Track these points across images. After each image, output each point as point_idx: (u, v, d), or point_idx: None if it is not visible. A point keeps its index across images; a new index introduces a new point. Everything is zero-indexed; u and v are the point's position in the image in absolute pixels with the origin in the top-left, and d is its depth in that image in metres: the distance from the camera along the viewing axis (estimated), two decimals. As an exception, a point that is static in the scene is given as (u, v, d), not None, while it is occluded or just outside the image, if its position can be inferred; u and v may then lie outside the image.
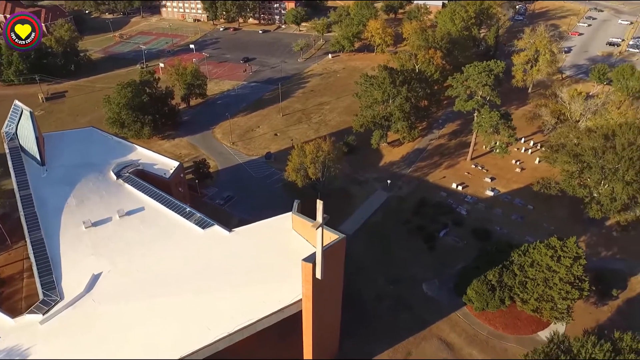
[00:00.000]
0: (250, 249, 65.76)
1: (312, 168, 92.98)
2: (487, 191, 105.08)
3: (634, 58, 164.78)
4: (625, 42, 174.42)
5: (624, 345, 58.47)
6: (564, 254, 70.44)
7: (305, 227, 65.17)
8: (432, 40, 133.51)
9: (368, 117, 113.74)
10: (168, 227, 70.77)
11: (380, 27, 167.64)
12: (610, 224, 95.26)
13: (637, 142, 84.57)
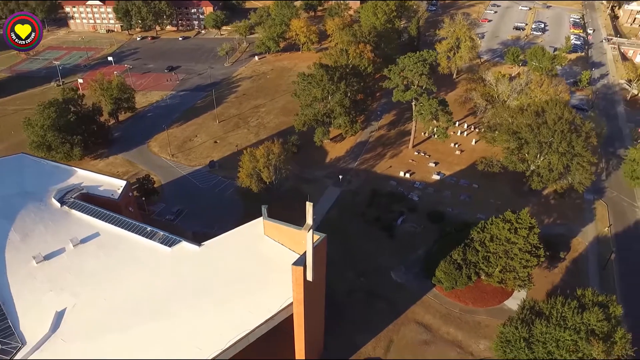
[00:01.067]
0: (225, 261, 63.71)
1: (266, 172, 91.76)
2: (433, 175, 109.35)
3: (538, 40, 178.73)
4: (529, 26, 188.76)
5: (587, 300, 63.47)
6: (519, 226, 75.06)
7: (279, 231, 64.37)
8: (360, 35, 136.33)
9: (309, 115, 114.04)
10: (131, 250, 66.74)
11: (304, 26, 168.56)
12: (547, 193, 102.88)
13: (565, 116, 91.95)
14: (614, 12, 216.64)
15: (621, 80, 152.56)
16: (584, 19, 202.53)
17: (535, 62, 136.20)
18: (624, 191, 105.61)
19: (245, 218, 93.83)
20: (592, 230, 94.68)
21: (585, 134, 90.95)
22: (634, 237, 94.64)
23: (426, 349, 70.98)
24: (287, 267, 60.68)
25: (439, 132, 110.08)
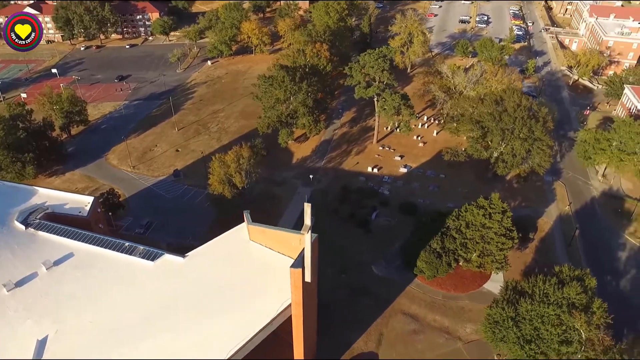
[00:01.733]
0: (213, 270, 62.33)
1: (238, 177, 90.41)
2: (400, 169, 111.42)
3: (483, 32, 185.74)
4: (473, 19, 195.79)
5: (565, 275, 66.79)
6: (493, 211, 77.82)
7: (266, 235, 63.69)
8: (316, 35, 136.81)
9: (273, 117, 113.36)
10: (111, 268, 63.89)
11: (255, 28, 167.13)
12: (509, 178, 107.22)
13: (523, 104, 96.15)
14: (547, 3, 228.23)
15: (562, 67, 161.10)
16: (522, 11, 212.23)
17: (485, 53, 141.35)
18: (578, 171, 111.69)
19: (218, 225, 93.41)
20: (554, 210, 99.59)
21: (542, 119, 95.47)
22: (591, 214, 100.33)
23: (416, 338, 72.33)
24: (279, 270, 60.42)
25: (403, 126, 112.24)
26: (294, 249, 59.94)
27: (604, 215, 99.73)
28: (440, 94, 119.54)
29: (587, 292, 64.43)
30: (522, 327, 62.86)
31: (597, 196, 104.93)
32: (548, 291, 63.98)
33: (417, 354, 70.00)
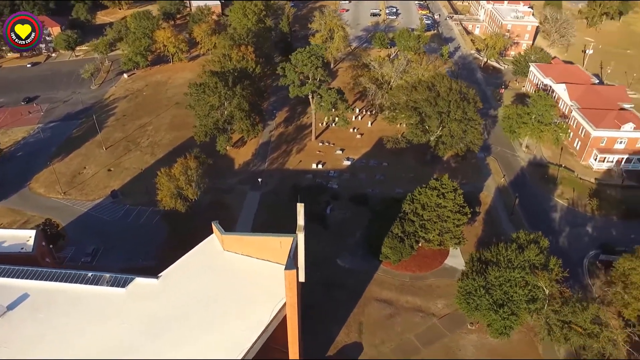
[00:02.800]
0: (191, 286, 60.02)
1: (190, 189, 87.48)
2: (344, 162, 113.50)
3: (395, 23, 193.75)
4: (383, 11, 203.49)
5: (522, 240, 72.15)
6: (445, 190, 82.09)
7: (242, 242, 62.53)
8: (239, 38, 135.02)
9: (209, 124, 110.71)
10: (77, 303, 59.13)
11: (171, 36, 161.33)
12: (446, 158, 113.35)
13: (453, 87, 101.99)
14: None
15: (472, 51, 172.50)
16: (427, 1, 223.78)
17: (403, 43, 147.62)
18: (504, 145, 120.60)
19: (171, 241, 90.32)
20: (492, 183, 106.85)
21: (472, 100, 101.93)
22: (523, 182, 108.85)
23: (394, 321, 74.65)
24: (262, 276, 59.86)
25: (340, 120, 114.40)
26: (275, 252, 59.62)
27: (534, 182, 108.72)
28: (371, 86, 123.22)
29: (543, 252, 70.24)
30: (493, 293, 67.08)
31: (525, 166, 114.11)
32: (511, 257, 68.87)
33: (397, 335, 72.29)
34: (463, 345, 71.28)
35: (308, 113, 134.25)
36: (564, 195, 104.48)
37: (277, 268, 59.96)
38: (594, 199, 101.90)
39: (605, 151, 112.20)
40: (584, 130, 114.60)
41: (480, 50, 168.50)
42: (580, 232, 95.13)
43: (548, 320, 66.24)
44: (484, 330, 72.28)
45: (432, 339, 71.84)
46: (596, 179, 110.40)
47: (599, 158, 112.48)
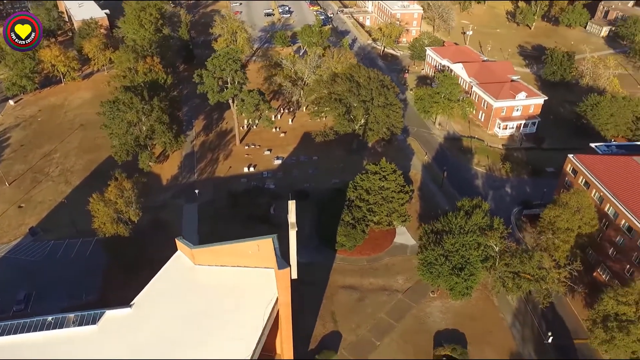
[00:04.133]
0: (171, 308, 57.45)
1: (131, 210, 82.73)
2: (274, 162, 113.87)
3: (290, 21, 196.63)
4: (276, 11, 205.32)
5: (467, 207, 78.47)
6: (386, 173, 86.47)
7: (214, 253, 61.09)
8: (142, 50, 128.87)
9: (130, 142, 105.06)
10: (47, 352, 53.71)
11: (60, 54, 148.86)
12: (371, 144, 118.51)
13: (372, 76, 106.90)
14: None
15: (369, 41, 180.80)
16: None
17: (306, 39, 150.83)
18: (419, 125, 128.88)
19: (114, 269, 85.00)
20: (417, 161, 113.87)
21: (390, 86, 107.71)
22: (443, 156, 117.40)
23: (364, 304, 77.28)
24: (242, 284, 59.15)
25: (265, 121, 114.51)
26: (252, 257, 59.24)
27: (453, 155, 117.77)
28: (286, 84, 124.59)
29: (487, 215, 77.15)
30: (451, 259, 72.27)
31: (441, 142, 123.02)
32: (461, 223, 74.68)
33: (370, 316, 75.02)
34: (430, 313, 76.04)
35: (225, 118, 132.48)
36: (481, 163, 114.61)
37: (257, 272, 59.82)
38: (506, 163, 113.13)
39: (506, 119, 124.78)
40: (486, 103, 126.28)
41: (376, 40, 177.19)
42: (501, 193, 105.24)
43: (501, 275, 73.06)
44: (445, 296, 77.66)
45: (402, 313, 75.68)
46: (503, 145, 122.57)
47: (502, 126, 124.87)
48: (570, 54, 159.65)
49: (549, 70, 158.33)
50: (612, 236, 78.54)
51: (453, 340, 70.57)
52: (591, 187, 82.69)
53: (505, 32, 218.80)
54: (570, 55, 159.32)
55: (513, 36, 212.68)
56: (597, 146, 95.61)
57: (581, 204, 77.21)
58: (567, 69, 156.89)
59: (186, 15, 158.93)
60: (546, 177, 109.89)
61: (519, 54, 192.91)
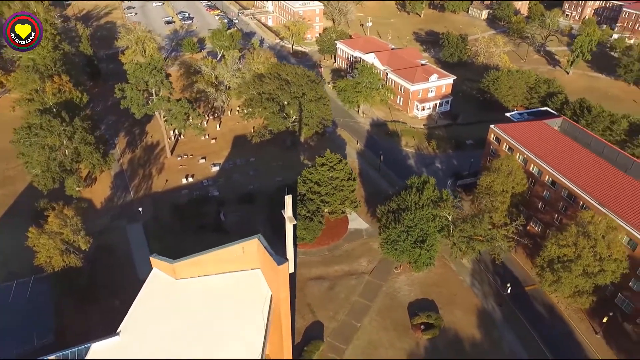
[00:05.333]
0: (161, 329, 55.47)
1: (81, 238, 77.68)
2: (212, 169, 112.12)
3: (193, 27, 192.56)
4: (176, 18, 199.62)
5: (417, 184, 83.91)
6: (333, 163, 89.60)
7: (197, 264, 59.96)
8: (45, 70, 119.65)
9: (54, 169, 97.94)
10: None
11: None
12: (304, 139, 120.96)
13: (299, 72, 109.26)
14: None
15: (277, 40, 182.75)
16: (211, 1, 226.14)
17: (217, 43, 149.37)
18: (344, 115, 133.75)
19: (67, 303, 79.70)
20: (351, 150, 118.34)
21: (317, 81, 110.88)
22: (373, 142, 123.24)
23: (336, 291, 79.81)
24: (231, 289, 58.95)
25: (196, 129, 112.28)
26: (237, 261, 59.27)
27: (381, 140, 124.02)
28: (210, 89, 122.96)
29: (435, 188, 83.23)
30: (412, 233, 77.18)
31: (368, 129, 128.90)
32: (415, 199, 79.88)
33: (345, 301, 77.74)
34: (399, 288, 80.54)
35: (149, 132, 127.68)
36: (409, 144, 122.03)
37: (243, 275, 59.93)
38: (431, 141, 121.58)
39: (423, 101, 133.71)
40: (403, 87, 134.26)
41: (283, 38, 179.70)
42: (433, 168, 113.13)
43: (456, 241, 79.46)
44: (408, 269, 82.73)
45: (373, 293, 79.35)
46: (424, 125, 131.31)
47: (420, 107, 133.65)
48: (463, 37, 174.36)
49: (447, 53, 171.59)
50: (540, 191, 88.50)
51: (425, 308, 75.60)
52: (515, 151, 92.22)
53: (398, 21, 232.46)
54: (463, 37, 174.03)
55: (406, 24, 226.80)
56: (511, 115, 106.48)
57: (511, 167, 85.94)
58: (463, 50, 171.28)
59: (84, 29, 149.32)
60: (468, 149, 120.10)
61: (415, 40, 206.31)
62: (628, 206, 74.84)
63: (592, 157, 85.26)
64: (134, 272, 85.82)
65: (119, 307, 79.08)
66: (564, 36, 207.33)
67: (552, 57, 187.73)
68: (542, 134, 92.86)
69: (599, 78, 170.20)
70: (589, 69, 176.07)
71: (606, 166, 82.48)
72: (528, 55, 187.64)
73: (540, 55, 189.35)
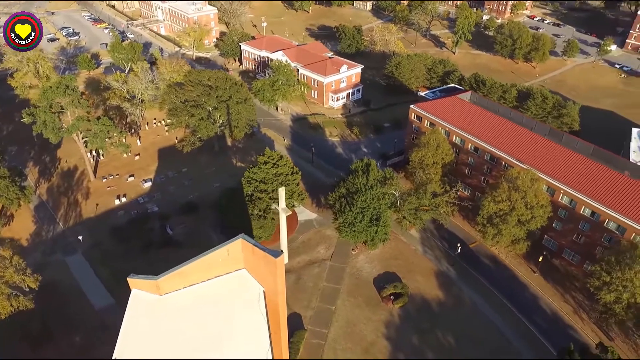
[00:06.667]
0: (160, 349, 54.29)
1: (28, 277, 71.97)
2: (144, 185, 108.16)
3: (82, 43, 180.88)
4: (60, 35, 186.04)
5: (360, 167, 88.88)
6: (274, 160, 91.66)
7: (182, 275, 58.37)
8: None
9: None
10: None
11: None
12: (231, 143, 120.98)
13: (220, 76, 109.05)
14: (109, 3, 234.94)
15: (176, 49, 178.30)
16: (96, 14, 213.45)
17: (118, 56, 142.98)
18: (264, 114, 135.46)
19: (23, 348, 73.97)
20: (280, 147, 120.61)
21: (240, 83, 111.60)
22: (299, 136, 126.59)
23: (303, 281, 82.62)
24: (221, 294, 58.86)
25: (121, 146, 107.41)
26: (223, 264, 59.31)
27: (307, 133, 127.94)
28: (126, 104, 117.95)
29: (379, 169, 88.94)
30: (366, 214, 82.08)
31: (291, 124, 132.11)
32: (363, 181, 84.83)
33: (314, 289, 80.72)
34: (361, 267, 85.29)
35: (61, 156, 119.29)
36: (333, 134, 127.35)
37: (228, 278, 60.17)
38: (353, 128, 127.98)
39: (337, 91, 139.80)
40: (316, 81, 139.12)
41: (182, 46, 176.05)
42: (361, 153, 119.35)
43: (405, 214, 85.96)
44: (364, 249, 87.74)
45: (339, 276, 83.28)
46: (341, 114, 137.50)
47: (335, 98, 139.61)
48: (358, 28, 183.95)
49: (345, 44, 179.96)
50: (465, 159, 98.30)
51: (390, 280, 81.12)
52: (437, 126, 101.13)
53: (288, 19, 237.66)
54: (358, 29, 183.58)
55: (297, 21, 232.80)
56: (425, 94, 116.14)
57: (438, 141, 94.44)
58: (359, 40, 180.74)
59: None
60: (387, 131, 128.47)
61: (310, 35, 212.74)
62: (542, 160, 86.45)
63: (504, 122, 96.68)
64: (87, 304, 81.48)
65: (81, 342, 75.37)
66: (444, 20, 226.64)
67: (438, 40, 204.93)
68: (458, 107, 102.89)
69: (481, 55, 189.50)
70: (470, 48, 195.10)
71: (517, 128, 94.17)
72: (417, 40, 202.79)
73: (427, 39, 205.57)
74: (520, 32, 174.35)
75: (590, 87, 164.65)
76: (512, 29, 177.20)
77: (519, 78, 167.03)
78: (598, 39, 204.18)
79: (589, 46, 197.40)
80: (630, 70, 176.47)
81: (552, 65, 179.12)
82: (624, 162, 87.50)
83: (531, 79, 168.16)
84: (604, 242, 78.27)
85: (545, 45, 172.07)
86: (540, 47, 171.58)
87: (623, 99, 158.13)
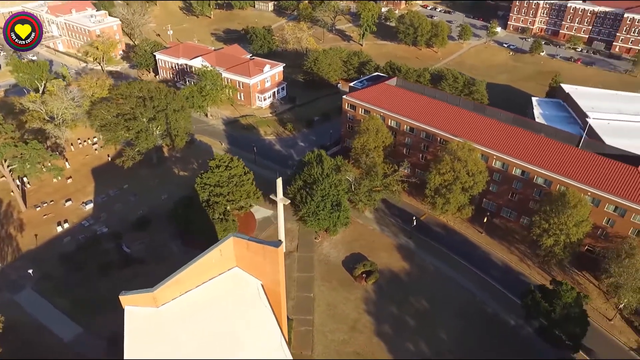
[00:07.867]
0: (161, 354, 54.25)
1: (-9, 317, 66.78)
2: (85, 207, 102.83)
3: None
4: None
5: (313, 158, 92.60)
6: (227, 164, 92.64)
7: (177, 283, 58.67)
8: None
9: None
10: None
11: None
12: (168, 153, 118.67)
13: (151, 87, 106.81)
14: None
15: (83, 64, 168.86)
16: None
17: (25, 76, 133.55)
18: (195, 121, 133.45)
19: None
20: (219, 151, 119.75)
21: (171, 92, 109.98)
22: (236, 137, 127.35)
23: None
24: (219, 295, 60.04)
25: (55, 170, 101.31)
26: (216, 265, 60.40)
27: (243, 133, 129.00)
28: (49, 126, 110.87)
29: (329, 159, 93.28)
30: (327, 201, 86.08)
31: (224, 128, 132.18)
32: (319, 171, 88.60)
33: (289, 280, 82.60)
34: (327, 253, 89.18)
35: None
36: (267, 133, 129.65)
37: (223, 278, 61.27)
38: (286, 124, 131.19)
39: (263, 91, 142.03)
40: (242, 83, 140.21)
41: (88, 62, 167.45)
42: (299, 148, 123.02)
43: (362, 197, 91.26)
44: (326, 235, 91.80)
45: (309, 264, 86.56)
46: (271, 113, 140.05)
47: (262, 98, 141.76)
48: (268, 28, 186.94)
49: (257, 45, 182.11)
50: (402, 140, 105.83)
51: (358, 261, 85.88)
52: (371, 112, 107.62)
53: (191, 25, 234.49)
54: (268, 29, 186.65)
55: (201, 27, 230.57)
56: (354, 84, 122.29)
57: (377, 125, 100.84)
58: (271, 40, 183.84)
59: None
60: (318, 124, 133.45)
61: (217, 40, 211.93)
62: (473, 131, 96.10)
63: (433, 101, 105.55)
64: (55, 338, 77.32)
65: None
66: (347, 15, 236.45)
67: (344, 34, 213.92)
68: (388, 93, 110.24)
69: (386, 44, 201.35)
70: (376, 39, 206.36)
71: (446, 106, 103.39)
72: (324, 36, 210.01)
73: (334, 34, 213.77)
74: (420, 21, 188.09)
75: (486, 65, 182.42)
76: (412, 18, 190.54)
77: (424, 63, 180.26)
78: (484, 22, 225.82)
79: (478, 29, 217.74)
80: (515, 48, 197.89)
81: (451, 49, 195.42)
82: (540, 125, 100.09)
83: (435, 62, 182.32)
84: (535, 196, 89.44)
85: (444, 31, 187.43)
86: (440, 33, 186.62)
87: (514, 74, 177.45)
